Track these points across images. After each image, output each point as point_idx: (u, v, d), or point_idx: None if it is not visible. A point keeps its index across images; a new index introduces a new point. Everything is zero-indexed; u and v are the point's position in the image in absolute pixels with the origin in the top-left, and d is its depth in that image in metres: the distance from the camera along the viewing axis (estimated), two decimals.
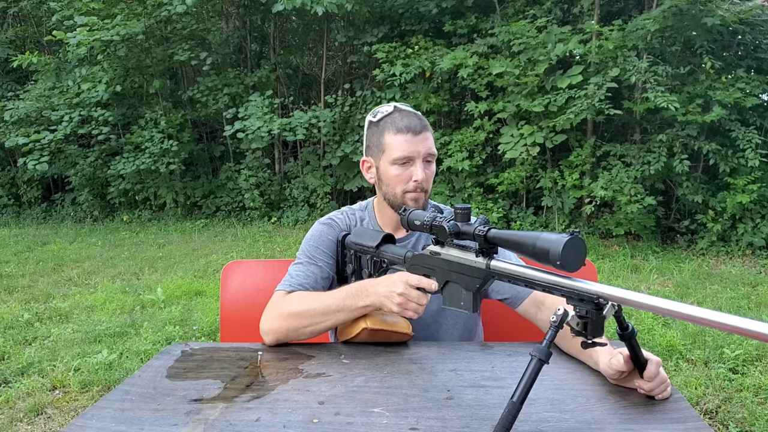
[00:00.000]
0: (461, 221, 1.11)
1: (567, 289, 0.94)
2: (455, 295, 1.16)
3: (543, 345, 0.92)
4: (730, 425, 2.52)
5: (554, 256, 0.90)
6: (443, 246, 1.18)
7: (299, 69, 8.50)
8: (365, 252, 1.39)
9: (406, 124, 1.41)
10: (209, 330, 3.76)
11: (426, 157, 1.43)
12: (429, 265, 1.21)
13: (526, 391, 0.90)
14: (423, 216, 1.20)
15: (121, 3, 7.27)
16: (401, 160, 1.41)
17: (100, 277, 5.22)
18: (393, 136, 1.42)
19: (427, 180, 1.43)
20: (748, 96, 5.40)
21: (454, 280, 1.15)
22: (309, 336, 1.36)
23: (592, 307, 0.91)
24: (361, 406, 1.06)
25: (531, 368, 0.91)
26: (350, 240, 1.43)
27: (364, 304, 1.28)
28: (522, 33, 6.03)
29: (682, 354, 3.24)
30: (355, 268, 1.44)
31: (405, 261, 1.28)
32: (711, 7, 5.36)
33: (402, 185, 1.42)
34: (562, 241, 0.89)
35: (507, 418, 0.89)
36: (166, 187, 8.06)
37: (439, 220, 1.15)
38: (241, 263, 1.84)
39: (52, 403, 2.83)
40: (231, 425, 1.00)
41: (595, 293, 0.91)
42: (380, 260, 1.36)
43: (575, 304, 0.93)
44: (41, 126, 7.66)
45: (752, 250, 5.44)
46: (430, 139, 1.45)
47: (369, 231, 1.41)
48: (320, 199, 7.56)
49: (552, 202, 6.28)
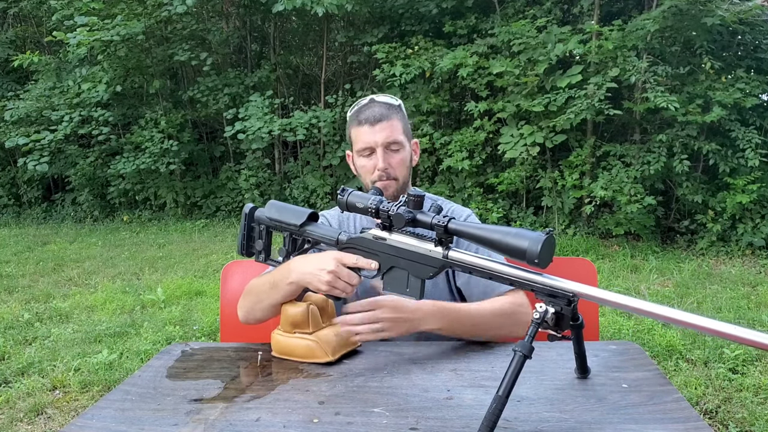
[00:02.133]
0: (414, 208, 1.10)
1: (540, 285, 0.98)
2: (399, 281, 1.15)
3: (525, 341, 0.94)
4: (730, 425, 2.52)
5: (532, 255, 0.94)
6: (390, 231, 1.16)
7: (299, 69, 8.50)
8: (284, 229, 1.30)
9: (366, 116, 1.46)
10: (209, 330, 3.76)
11: (388, 146, 1.45)
12: (371, 249, 1.18)
13: (511, 385, 0.92)
14: (366, 199, 1.15)
15: (121, 3, 7.27)
16: (364, 152, 1.47)
17: (101, 277, 5.22)
18: (356, 128, 1.48)
19: (394, 167, 1.46)
20: (748, 96, 5.39)
21: (401, 267, 1.14)
22: (264, 313, 1.37)
23: (565, 303, 0.95)
24: (361, 406, 1.06)
25: (514, 363, 0.93)
26: (265, 215, 1.31)
27: (288, 281, 1.26)
28: (522, 33, 6.03)
29: (682, 354, 3.24)
30: (265, 245, 1.34)
31: (338, 243, 1.23)
32: (711, 7, 5.35)
33: (369, 175, 1.47)
34: (541, 240, 0.93)
35: (494, 412, 0.90)
36: (167, 187, 8.06)
37: (388, 206, 1.12)
38: (241, 263, 1.83)
39: (52, 403, 2.83)
40: (231, 425, 1.00)
41: (570, 291, 0.95)
42: (302, 239, 1.29)
43: (544, 299, 0.97)
44: (41, 126, 7.66)
45: (752, 250, 5.44)
46: (392, 127, 1.46)
47: (291, 207, 1.30)
48: (320, 199, 7.56)
49: (552, 202, 6.28)
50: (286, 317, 1.28)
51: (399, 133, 1.48)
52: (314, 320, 1.26)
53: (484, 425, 0.90)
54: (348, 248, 1.22)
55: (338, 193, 1.19)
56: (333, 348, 1.25)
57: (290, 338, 1.27)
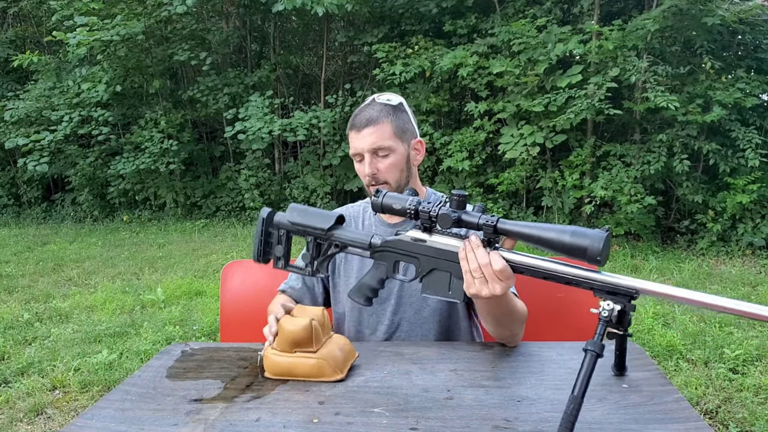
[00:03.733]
0: (458, 208, 1.07)
1: (601, 283, 0.97)
2: (441, 283, 1.12)
3: (596, 340, 0.93)
4: (730, 425, 2.52)
5: (594, 253, 0.93)
6: (430, 233, 1.13)
7: (299, 69, 8.50)
8: (308, 233, 1.22)
9: (355, 120, 1.45)
10: (209, 330, 3.76)
11: (375, 152, 1.42)
12: (410, 251, 1.14)
13: (586, 385, 0.91)
14: (403, 200, 1.10)
15: (121, 3, 7.27)
16: (356, 157, 1.46)
17: (100, 277, 5.22)
18: (349, 132, 1.47)
19: (382, 172, 1.43)
20: (748, 96, 5.39)
21: (443, 269, 1.11)
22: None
23: (627, 300, 0.95)
24: (361, 406, 1.06)
25: (587, 362, 0.92)
26: (287, 219, 1.23)
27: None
28: (522, 33, 6.03)
29: (682, 354, 3.24)
30: (285, 251, 1.26)
31: (371, 246, 1.17)
32: (711, 7, 5.35)
33: (362, 179, 1.46)
34: (602, 238, 0.93)
35: (571, 413, 0.89)
36: (166, 187, 8.06)
37: (428, 207, 1.08)
38: (241, 263, 1.83)
39: (52, 403, 2.83)
40: (231, 425, 1.00)
41: (633, 287, 0.95)
42: (328, 244, 1.22)
43: (604, 297, 0.96)
44: (41, 126, 7.66)
45: (752, 250, 5.44)
46: (380, 131, 1.42)
47: (316, 210, 1.23)
48: (320, 199, 7.56)
49: (552, 202, 6.28)
50: (286, 335, 1.18)
51: (387, 137, 1.42)
52: (317, 337, 1.18)
53: (564, 427, 0.89)
54: (383, 251, 1.16)
55: (373, 195, 1.14)
56: (341, 364, 1.19)
57: (291, 358, 1.17)
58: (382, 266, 1.17)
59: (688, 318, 3.78)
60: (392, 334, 1.49)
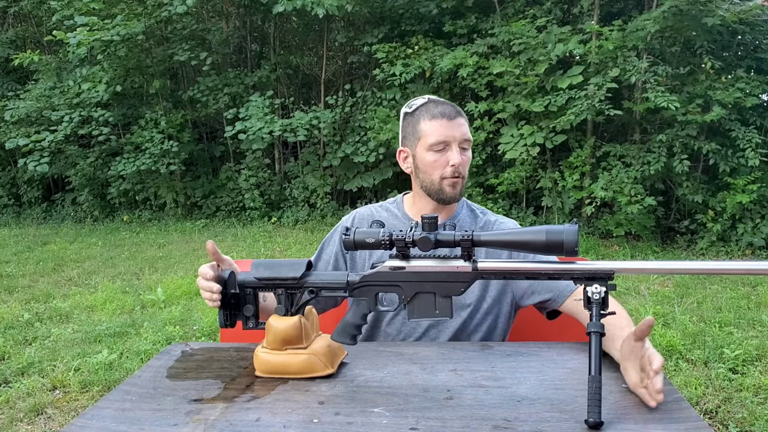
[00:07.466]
0: (430, 230, 1.07)
1: (580, 271, 1.03)
2: (426, 306, 1.12)
3: (596, 321, 0.99)
4: (730, 425, 2.52)
5: (571, 245, 0.98)
6: (408, 259, 1.13)
7: (299, 69, 8.50)
8: (279, 286, 1.20)
9: (441, 111, 1.44)
10: (209, 330, 3.76)
11: (462, 143, 1.44)
12: (391, 281, 1.13)
13: (599, 363, 0.97)
14: (374, 233, 1.10)
15: (121, 3, 7.28)
16: (437, 146, 1.43)
17: (100, 277, 5.22)
18: (428, 122, 1.44)
19: (463, 165, 1.44)
20: (748, 96, 5.40)
21: (427, 291, 1.12)
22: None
23: (605, 282, 1.01)
24: (361, 406, 1.06)
25: (594, 343, 0.98)
26: (254, 276, 1.20)
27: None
28: (522, 33, 6.03)
29: (682, 354, 3.24)
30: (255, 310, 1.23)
31: (348, 285, 1.16)
32: (711, 7, 5.36)
33: (439, 171, 1.43)
34: (575, 231, 0.98)
35: (595, 391, 0.96)
36: (167, 187, 8.06)
37: (402, 234, 1.08)
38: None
39: (52, 403, 2.83)
40: (231, 425, 1.00)
41: (609, 269, 1.01)
42: (302, 291, 1.19)
43: (585, 283, 1.01)
44: (41, 126, 7.66)
45: (752, 250, 5.44)
46: (465, 125, 1.46)
47: (282, 261, 1.21)
48: (320, 200, 7.57)
49: (552, 203, 6.28)
50: (275, 334, 1.18)
51: (469, 133, 1.47)
52: (306, 333, 1.19)
53: (592, 405, 0.95)
54: (363, 287, 1.16)
55: (343, 234, 1.13)
56: (330, 358, 1.21)
57: (281, 355, 1.18)
58: (363, 302, 1.17)
59: (687, 318, 3.78)
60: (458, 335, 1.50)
